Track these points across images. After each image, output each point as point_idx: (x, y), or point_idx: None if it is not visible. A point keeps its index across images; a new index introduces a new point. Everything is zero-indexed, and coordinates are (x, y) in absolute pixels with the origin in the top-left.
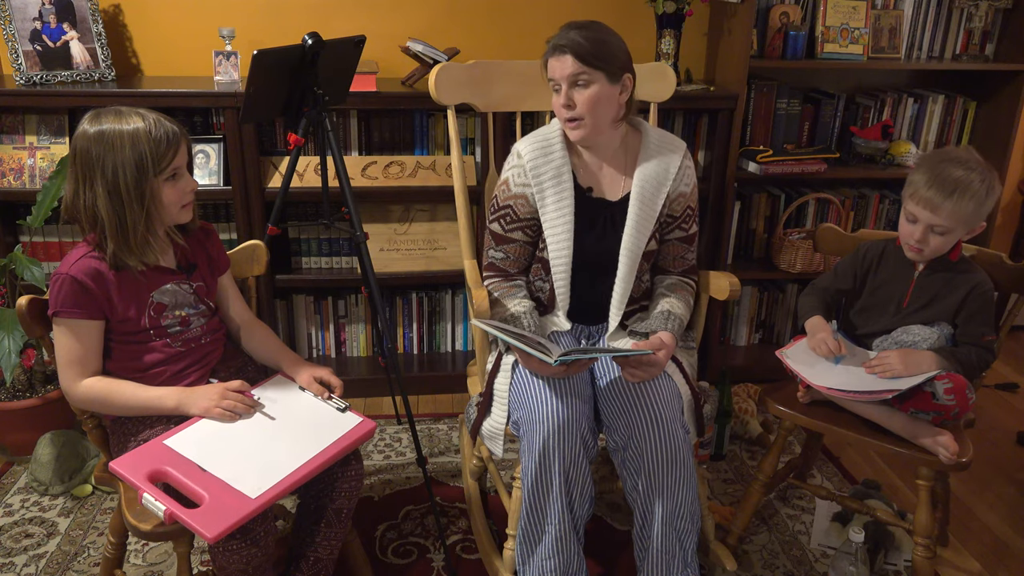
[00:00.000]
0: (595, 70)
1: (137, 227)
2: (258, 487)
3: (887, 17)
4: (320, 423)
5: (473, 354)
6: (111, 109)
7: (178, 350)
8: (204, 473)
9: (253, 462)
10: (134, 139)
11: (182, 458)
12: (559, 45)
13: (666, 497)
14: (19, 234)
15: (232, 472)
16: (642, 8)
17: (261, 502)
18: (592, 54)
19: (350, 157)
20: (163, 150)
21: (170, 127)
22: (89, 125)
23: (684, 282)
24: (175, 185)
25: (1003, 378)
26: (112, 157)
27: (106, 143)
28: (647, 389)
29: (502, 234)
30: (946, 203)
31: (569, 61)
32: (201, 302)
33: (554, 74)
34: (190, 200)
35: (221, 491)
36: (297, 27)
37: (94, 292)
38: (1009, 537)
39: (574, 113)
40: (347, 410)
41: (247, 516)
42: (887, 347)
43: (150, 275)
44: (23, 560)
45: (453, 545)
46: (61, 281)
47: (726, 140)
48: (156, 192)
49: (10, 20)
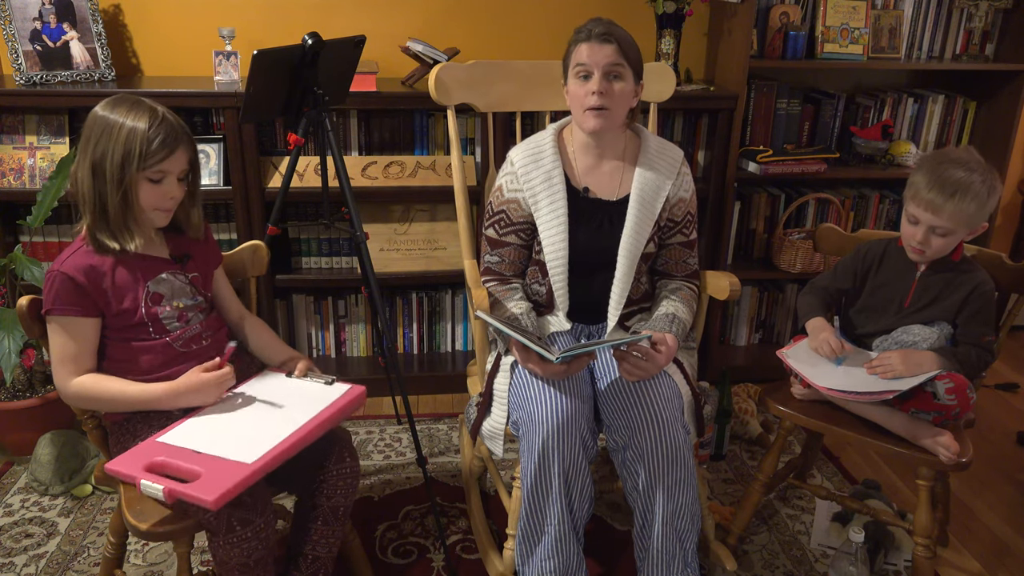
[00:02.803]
0: (628, 67)
1: (113, 208)
2: (254, 453)
3: (887, 17)
4: (310, 396)
5: (473, 354)
6: (130, 98)
7: (179, 351)
8: (199, 455)
9: (246, 436)
10: (130, 134)
11: (177, 448)
12: (602, 33)
13: (666, 497)
14: (19, 234)
15: (226, 448)
16: (642, 8)
17: (258, 466)
18: (631, 50)
19: (350, 157)
20: (153, 150)
21: (173, 132)
22: (102, 107)
23: (688, 286)
24: (155, 188)
25: (1003, 378)
26: (105, 142)
27: (106, 128)
28: (647, 389)
29: (497, 239)
30: (947, 205)
31: (611, 51)
32: (198, 293)
33: (589, 59)
34: (168, 207)
35: (217, 464)
36: (297, 27)
37: (87, 288)
38: (1009, 537)
39: (604, 101)
40: (334, 382)
41: (246, 480)
42: (887, 347)
43: (144, 264)
44: (23, 560)
45: (453, 545)
46: (53, 278)
47: (726, 140)
48: (134, 186)
49: (10, 20)
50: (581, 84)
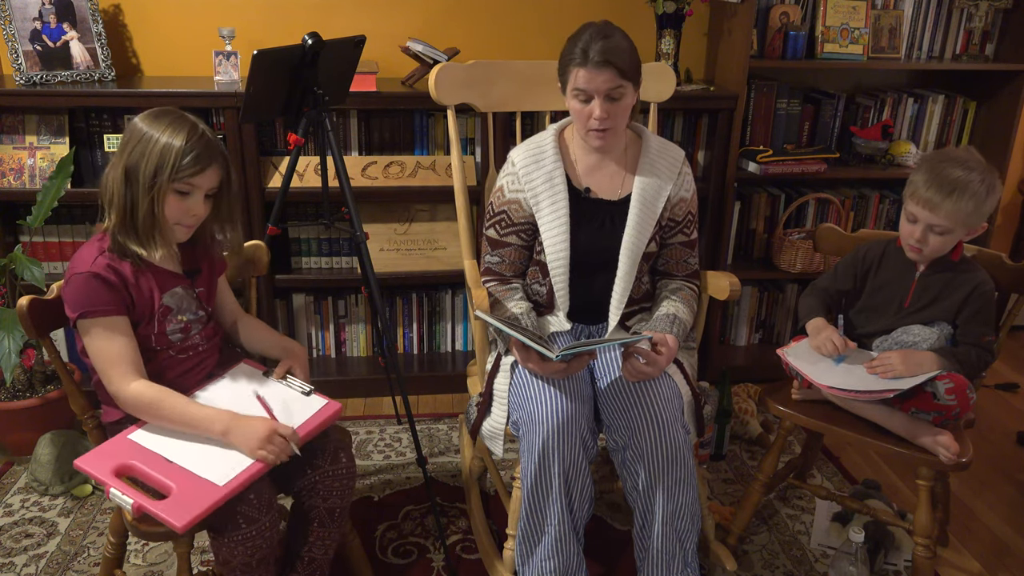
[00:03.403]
0: (628, 81)
1: (142, 215)
2: (225, 474)
3: (887, 17)
4: (285, 408)
5: (473, 354)
6: (173, 112)
7: (175, 357)
8: (170, 464)
9: (219, 450)
10: (167, 146)
11: (147, 451)
12: (599, 61)
13: (666, 497)
14: (19, 234)
15: (198, 462)
16: (642, 8)
17: (228, 489)
18: (630, 67)
19: (350, 157)
20: (186, 164)
21: (209, 150)
22: (144, 118)
23: (688, 287)
24: (181, 201)
25: (1003, 378)
26: (141, 149)
27: (144, 137)
28: (647, 389)
29: (497, 239)
30: (945, 203)
31: (609, 75)
32: (201, 307)
33: (588, 85)
34: (190, 223)
35: (188, 481)
36: (297, 27)
37: (117, 287)
38: (1009, 537)
39: (607, 123)
40: (312, 393)
41: (215, 504)
42: (887, 347)
43: (160, 277)
44: (23, 560)
45: (453, 545)
46: (83, 280)
47: (726, 140)
48: (162, 195)
49: (10, 20)
50: (582, 105)
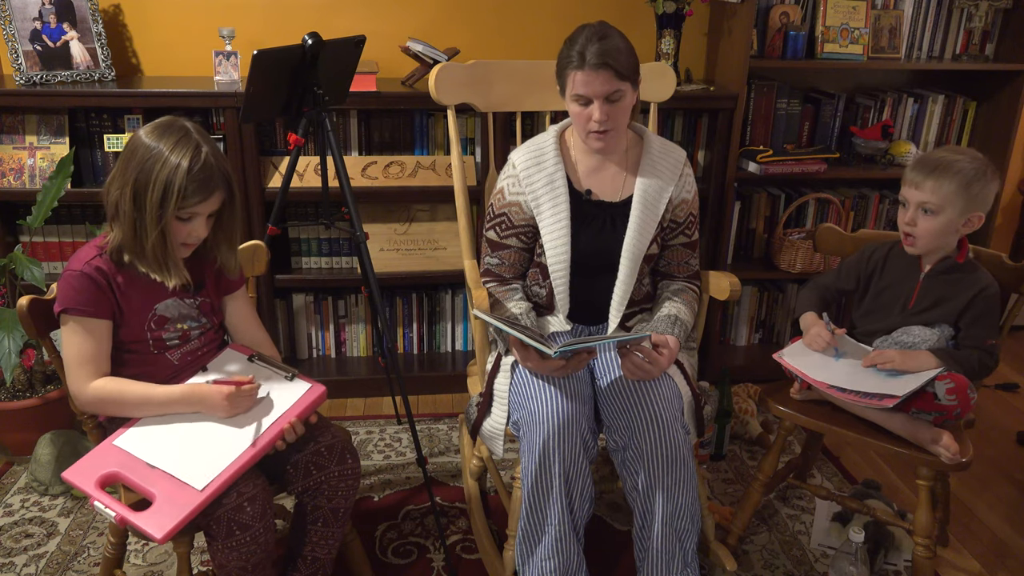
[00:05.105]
0: (627, 82)
1: (151, 244)
2: (205, 476)
3: (887, 17)
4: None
5: (473, 354)
6: (177, 127)
7: (174, 363)
8: (153, 470)
9: (200, 449)
10: (171, 174)
11: (131, 457)
12: (596, 64)
13: (666, 497)
14: (19, 234)
15: (179, 464)
16: (642, 8)
17: (207, 494)
18: (627, 68)
19: (350, 157)
20: (189, 194)
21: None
22: (148, 133)
23: (689, 288)
24: (183, 226)
25: (1003, 378)
26: (147, 173)
27: (148, 158)
28: (647, 389)
29: (498, 241)
30: (928, 179)
31: (607, 77)
32: (204, 316)
33: (586, 90)
34: (192, 243)
35: (169, 487)
36: (297, 27)
37: (105, 290)
38: (1009, 537)
39: (608, 125)
40: (295, 377)
41: (195, 511)
42: (886, 347)
43: (155, 287)
44: (23, 560)
45: (453, 545)
46: (74, 277)
47: (726, 140)
48: (168, 220)
49: (10, 20)
50: (581, 108)
